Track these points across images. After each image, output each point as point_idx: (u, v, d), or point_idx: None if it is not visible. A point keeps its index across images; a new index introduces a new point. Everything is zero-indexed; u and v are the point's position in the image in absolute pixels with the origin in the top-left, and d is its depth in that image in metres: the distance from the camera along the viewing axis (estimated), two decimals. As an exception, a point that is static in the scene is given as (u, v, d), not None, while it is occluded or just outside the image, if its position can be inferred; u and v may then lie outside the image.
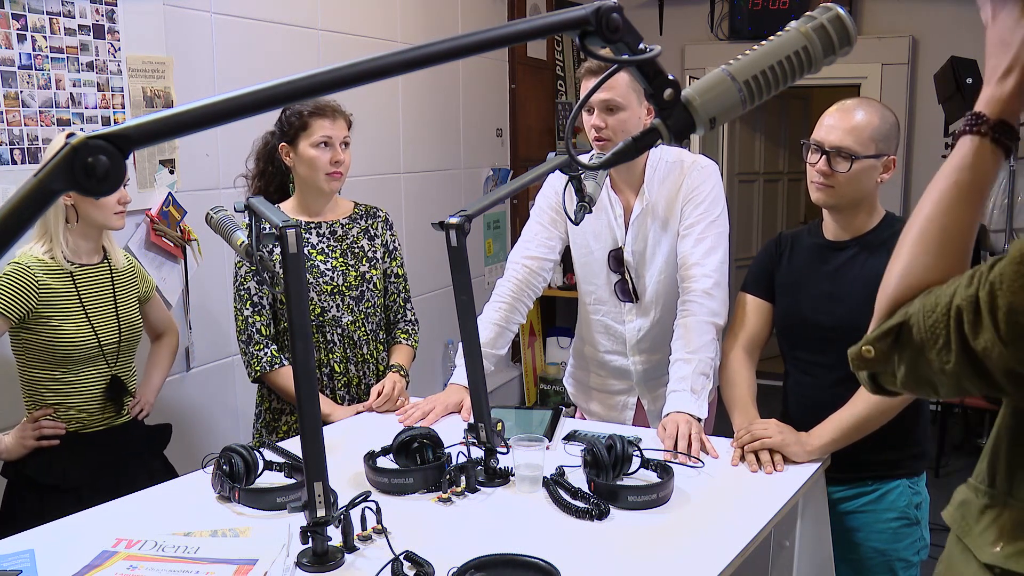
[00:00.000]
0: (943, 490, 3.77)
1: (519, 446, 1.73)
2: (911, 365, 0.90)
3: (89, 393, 2.16)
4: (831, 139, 1.86)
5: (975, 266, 0.87)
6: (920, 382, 0.91)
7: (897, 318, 0.91)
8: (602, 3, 0.83)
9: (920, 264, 0.92)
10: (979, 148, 0.92)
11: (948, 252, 0.92)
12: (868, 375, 0.96)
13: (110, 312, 2.18)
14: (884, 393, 0.97)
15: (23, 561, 1.43)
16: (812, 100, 6.32)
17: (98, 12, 2.50)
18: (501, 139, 4.83)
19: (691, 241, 2.16)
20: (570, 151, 0.98)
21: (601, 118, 2.08)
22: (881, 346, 0.93)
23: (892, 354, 0.92)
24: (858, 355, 0.95)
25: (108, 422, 2.22)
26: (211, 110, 0.71)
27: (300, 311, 1.42)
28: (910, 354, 0.90)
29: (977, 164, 0.92)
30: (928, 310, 0.88)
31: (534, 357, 5.09)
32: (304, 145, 2.26)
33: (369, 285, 2.38)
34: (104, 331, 2.15)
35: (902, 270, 0.94)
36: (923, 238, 0.93)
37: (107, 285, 2.19)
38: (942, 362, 0.86)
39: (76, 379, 2.14)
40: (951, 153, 0.95)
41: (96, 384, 2.17)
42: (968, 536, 0.95)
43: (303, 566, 1.42)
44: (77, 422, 2.15)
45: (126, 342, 2.22)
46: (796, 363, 2.05)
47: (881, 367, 0.94)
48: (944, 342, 0.85)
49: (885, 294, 0.95)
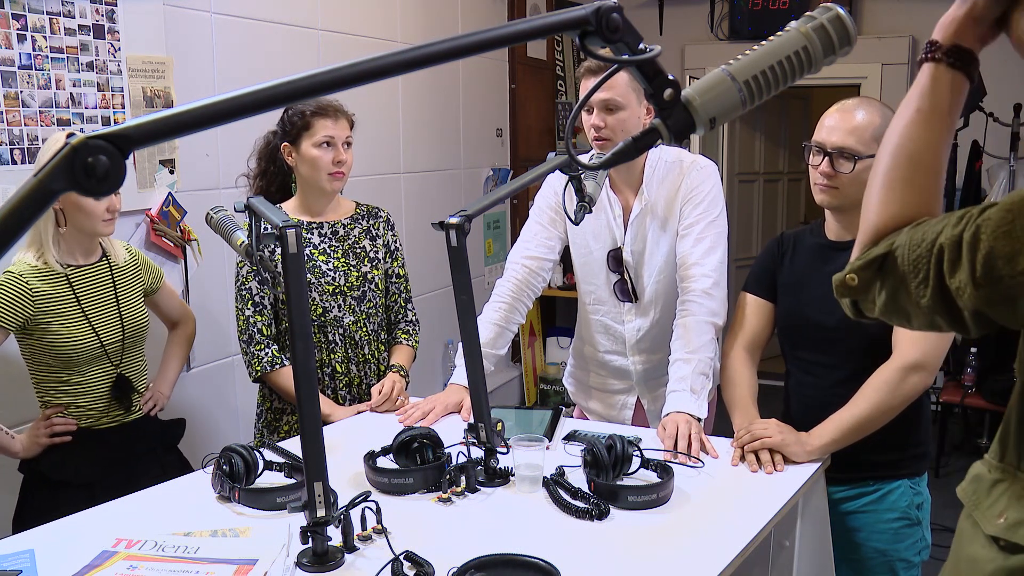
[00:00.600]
0: (943, 490, 3.76)
1: (519, 446, 1.73)
2: (891, 294, 0.92)
3: (96, 393, 2.16)
4: (833, 140, 1.86)
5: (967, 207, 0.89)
6: (897, 312, 0.93)
7: (882, 248, 0.93)
8: (602, 3, 0.83)
9: (897, 194, 0.95)
10: (935, 72, 0.94)
11: (919, 180, 0.95)
12: (850, 301, 0.99)
13: (112, 311, 2.17)
14: (862, 318, 0.99)
15: (23, 561, 1.43)
16: (812, 100, 6.32)
17: (98, 12, 2.50)
18: (501, 139, 4.83)
19: (690, 241, 2.16)
20: (570, 151, 0.98)
21: (601, 118, 2.08)
22: (865, 275, 0.95)
23: (875, 281, 0.94)
24: (842, 282, 0.98)
25: (119, 419, 2.22)
26: (211, 110, 0.71)
27: (300, 311, 1.42)
28: (891, 283, 0.92)
29: (936, 88, 0.94)
30: (914, 244, 0.90)
31: (534, 357, 5.09)
32: (307, 145, 2.26)
33: (371, 285, 2.38)
34: (106, 331, 2.15)
35: (879, 199, 0.96)
36: (895, 167, 0.96)
37: (107, 283, 2.18)
38: (919, 296, 0.89)
39: (82, 380, 2.14)
40: (912, 84, 0.98)
41: (102, 384, 2.17)
42: (977, 510, 0.97)
43: (303, 566, 1.42)
44: (88, 419, 2.16)
45: (131, 339, 2.22)
46: (797, 363, 2.05)
47: (863, 295, 0.96)
48: (923, 276, 0.88)
49: (867, 223, 0.98)
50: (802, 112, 6.35)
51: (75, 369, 2.12)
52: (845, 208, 1.92)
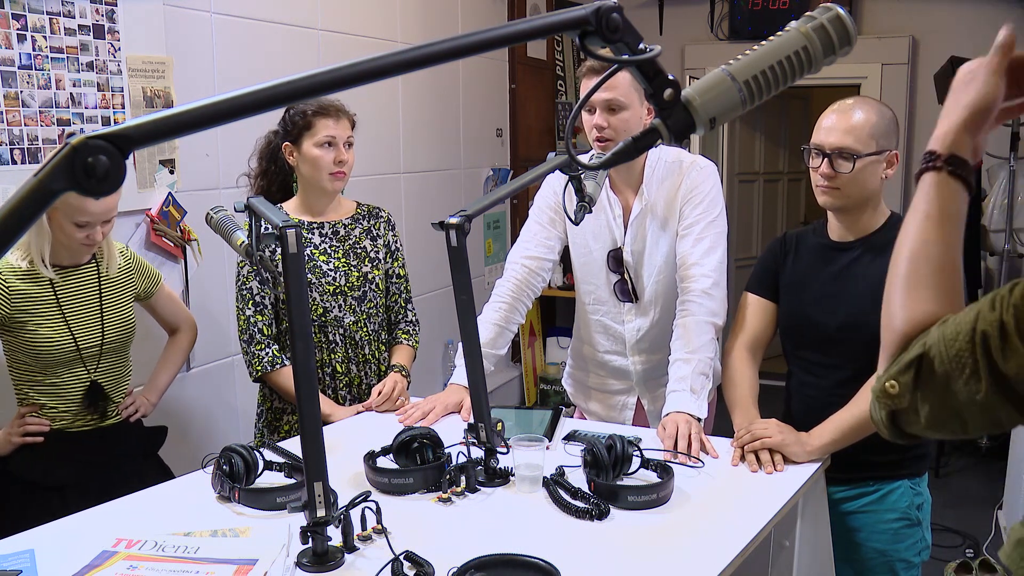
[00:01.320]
0: (943, 490, 3.76)
1: (519, 446, 1.73)
2: (938, 401, 0.87)
3: (69, 397, 2.13)
4: (831, 141, 1.86)
5: (993, 290, 0.86)
6: (947, 418, 0.87)
7: (915, 350, 0.88)
8: (602, 3, 0.83)
9: (920, 297, 0.93)
10: (938, 181, 0.95)
11: (942, 281, 0.93)
12: (887, 417, 0.92)
13: (94, 315, 2.13)
14: (904, 438, 0.93)
15: (23, 561, 1.43)
16: (812, 100, 6.32)
17: (98, 12, 2.50)
18: (501, 139, 4.83)
19: (690, 241, 2.16)
20: (570, 151, 0.98)
21: (604, 118, 2.08)
22: (904, 379, 0.89)
23: (915, 390, 0.88)
24: (882, 392, 0.91)
25: (95, 422, 2.18)
26: (211, 110, 0.71)
27: (300, 311, 1.42)
28: (934, 390, 0.86)
29: (941, 196, 0.95)
30: (949, 339, 0.85)
31: (534, 357, 5.09)
32: (308, 145, 2.26)
33: (371, 286, 2.38)
34: (84, 335, 2.11)
35: (903, 304, 0.93)
36: (915, 271, 0.94)
37: (92, 287, 2.14)
38: (971, 392, 0.83)
39: (56, 382, 2.11)
40: (916, 192, 0.98)
41: (75, 389, 2.13)
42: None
43: (303, 566, 1.42)
44: (62, 420, 2.13)
45: (111, 345, 2.17)
46: (799, 363, 2.05)
47: (904, 404, 0.89)
48: (972, 370, 0.83)
49: (892, 331, 0.93)
50: (802, 112, 6.34)
51: (50, 370, 2.09)
52: (847, 208, 1.92)
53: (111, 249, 2.20)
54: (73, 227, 2.00)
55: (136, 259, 2.31)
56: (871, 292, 1.89)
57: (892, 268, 0.98)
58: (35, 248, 2.03)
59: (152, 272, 2.35)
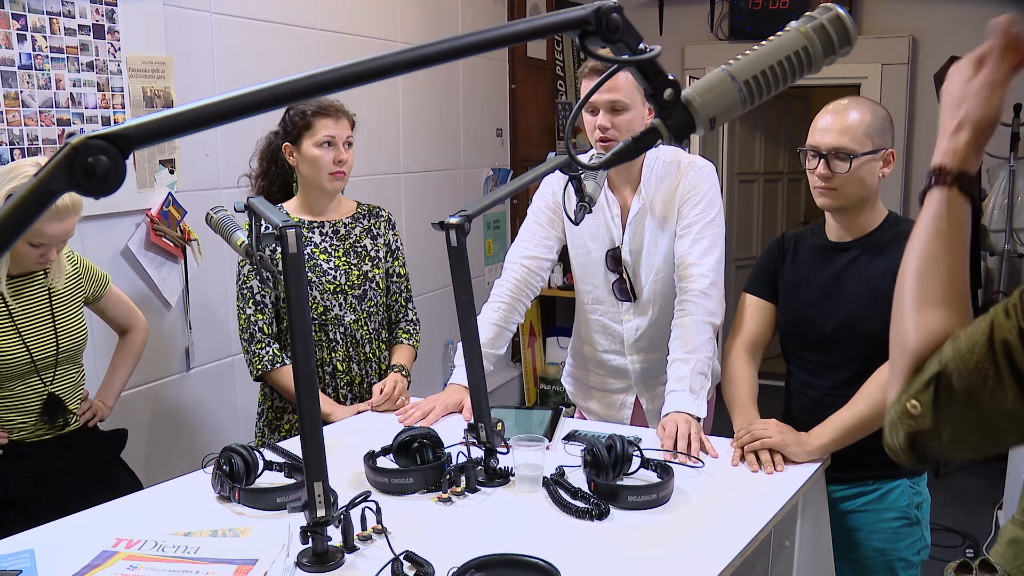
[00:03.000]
0: (943, 490, 3.75)
1: (519, 446, 1.73)
2: (961, 416, 0.84)
3: (25, 410, 2.06)
4: (827, 141, 1.86)
5: (1002, 300, 0.85)
6: (973, 435, 0.85)
7: (932, 368, 0.86)
8: (602, 3, 0.83)
9: (932, 315, 0.91)
10: (949, 198, 0.95)
11: (953, 298, 0.92)
12: (907, 440, 0.89)
13: (47, 325, 2.07)
14: (925, 461, 0.91)
15: (23, 561, 1.43)
16: (812, 100, 6.31)
17: (98, 12, 2.50)
18: (501, 139, 4.83)
19: (688, 241, 2.16)
20: (570, 151, 0.98)
21: (607, 119, 2.08)
22: (925, 398, 0.86)
23: (936, 409, 0.86)
24: (904, 413, 0.89)
25: (55, 431, 2.11)
26: (211, 110, 0.71)
27: (300, 311, 1.42)
28: (955, 404, 0.84)
29: (952, 213, 0.95)
30: (965, 352, 0.83)
31: (534, 357, 5.09)
32: (308, 144, 2.26)
33: (372, 284, 2.38)
34: (38, 346, 2.05)
35: (914, 324, 0.92)
36: (925, 289, 0.93)
37: (43, 297, 2.07)
38: (998, 403, 0.81)
39: (11, 395, 2.04)
40: (923, 209, 0.97)
41: (32, 401, 2.07)
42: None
43: (303, 566, 1.42)
44: (21, 431, 2.06)
45: (66, 353, 2.11)
46: (799, 363, 2.06)
47: (927, 424, 0.87)
48: (995, 380, 0.81)
49: (906, 351, 0.91)
50: (802, 112, 6.34)
51: (4, 385, 2.02)
52: (846, 209, 1.92)
53: (59, 258, 2.09)
54: (28, 247, 1.95)
55: (83, 262, 2.22)
56: (870, 292, 1.89)
57: (900, 287, 0.96)
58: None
59: (99, 274, 2.26)
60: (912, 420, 0.87)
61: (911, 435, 0.88)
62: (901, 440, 0.89)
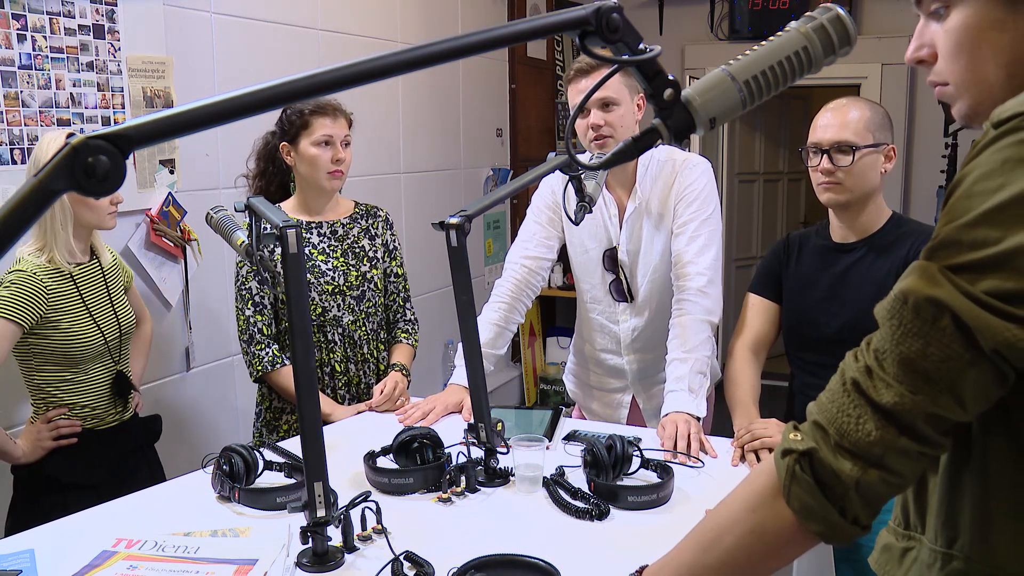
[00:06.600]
0: (943, 490, 3.68)
1: (519, 446, 1.73)
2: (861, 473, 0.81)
3: (98, 391, 2.18)
4: (828, 137, 1.89)
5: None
6: (877, 485, 0.81)
7: (798, 451, 0.85)
8: (602, 3, 0.83)
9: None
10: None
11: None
12: (824, 526, 0.86)
13: (107, 308, 2.18)
14: (860, 530, 0.86)
15: (23, 561, 1.43)
16: (812, 100, 6.32)
17: (98, 12, 2.50)
18: (501, 139, 4.83)
19: (684, 239, 2.16)
20: (570, 151, 0.98)
21: (599, 116, 2.08)
22: (803, 487, 0.84)
23: (822, 489, 0.83)
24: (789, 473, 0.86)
25: (117, 418, 2.23)
26: (211, 110, 0.71)
27: (300, 311, 1.42)
28: (834, 461, 0.82)
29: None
30: (824, 407, 0.85)
31: (534, 357, 5.09)
32: (305, 144, 2.26)
33: (370, 285, 2.38)
34: (106, 328, 2.16)
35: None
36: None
37: (99, 282, 2.19)
38: (865, 434, 0.80)
39: (86, 378, 2.15)
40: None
41: (104, 381, 2.19)
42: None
43: (303, 566, 1.42)
44: (93, 419, 2.17)
45: (126, 335, 2.24)
46: (802, 364, 2.06)
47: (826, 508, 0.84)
48: (858, 415, 0.81)
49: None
50: (802, 112, 6.34)
51: (80, 367, 2.12)
52: (850, 204, 1.93)
53: (102, 243, 2.25)
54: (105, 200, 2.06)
55: (118, 256, 2.36)
56: (874, 293, 1.88)
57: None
58: (61, 242, 2.06)
59: (128, 268, 2.39)
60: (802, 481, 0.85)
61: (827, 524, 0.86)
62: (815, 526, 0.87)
